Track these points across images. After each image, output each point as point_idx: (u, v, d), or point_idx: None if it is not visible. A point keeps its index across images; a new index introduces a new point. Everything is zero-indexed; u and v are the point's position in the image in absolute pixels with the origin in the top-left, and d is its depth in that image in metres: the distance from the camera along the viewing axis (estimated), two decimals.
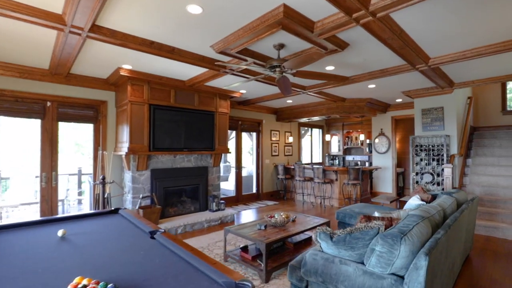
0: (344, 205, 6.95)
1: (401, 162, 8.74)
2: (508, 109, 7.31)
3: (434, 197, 3.59)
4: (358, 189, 6.95)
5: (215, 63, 3.14)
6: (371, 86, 5.45)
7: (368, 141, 9.28)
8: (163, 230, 2.16)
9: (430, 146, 5.56)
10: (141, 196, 4.51)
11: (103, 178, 4.38)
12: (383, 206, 4.51)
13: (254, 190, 7.98)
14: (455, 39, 3.24)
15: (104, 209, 2.94)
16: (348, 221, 4.24)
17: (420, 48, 3.49)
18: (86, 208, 6.24)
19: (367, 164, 9.57)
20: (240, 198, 7.52)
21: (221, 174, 10.61)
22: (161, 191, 4.94)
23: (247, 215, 6.14)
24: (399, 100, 7.18)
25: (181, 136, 5.13)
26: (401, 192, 8.50)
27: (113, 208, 2.97)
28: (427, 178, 5.50)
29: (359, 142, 9.76)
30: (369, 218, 2.38)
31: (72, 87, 4.62)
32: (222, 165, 11.29)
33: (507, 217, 4.73)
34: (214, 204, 5.46)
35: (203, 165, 5.62)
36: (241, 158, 7.63)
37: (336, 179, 7.04)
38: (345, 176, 7.01)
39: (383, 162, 8.11)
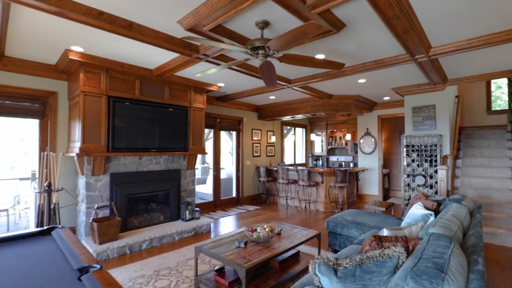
0: (331, 209, 6.50)
1: (386, 163, 8.46)
2: (493, 109, 7.20)
3: (439, 204, 3.15)
4: (345, 192, 6.52)
5: (182, 37, 2.49)
6: (362, 80, 5.01)
7: (352, 140, 8.93)
8: (98, 267, 1.50)
9: (423, 146, 5.21)
10: (96, 206, 3.75)
11: (49, 185, 3.60)
12: (377, 214, 4.05)
13: (234, 194, 7.35)
14: (465, 23, 2.80)
15: (32, 230, 2.21)
16: (340, 231, 3.73)
17: (425, 33, 3.03)
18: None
19: (351, 165, 9.23)
20: (218, 203, 6.86)
21: (199, 176, 9.92)
22: (123, 199, 4.20)
23: (226, 223, 5.50)
24: (386, 98, 6.84)
25: (149, 134, 4.42)
26: (387, 194, 8.21)
27: (45, 228, 2.25)
28: (420, 180, 5.14)
29: (343, 142, 9.40)
30: (380, 239, 1.84)
31: (10, 73, 3.77)
32: (200, 166, 10.58)
33: (504, 222, 4.43)
34: (187, 212, 4.78)
35: (175, 167, 4.92)
36: (219, 159, 6.98)
37: (322, 182, 6.58)
38: (331, 178, 6.55)
39: (369, 163, 7.77)
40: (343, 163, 9.49)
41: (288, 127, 9.67)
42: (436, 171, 5.01)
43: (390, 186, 8.59)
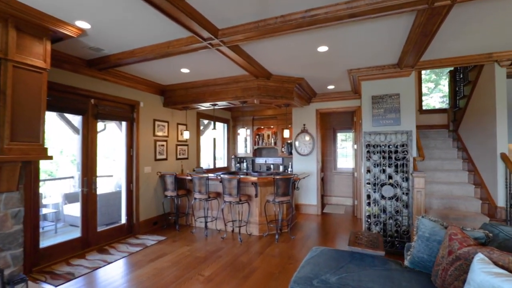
0: (268, 231, 4.74)
1: (322, 165, 7.33)
2: (424, 108, 6.90)
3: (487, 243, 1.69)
4: (285, 207, 4.88)
5: None
6: (322, 48, 3.41)
7: (285, 139, 7.52)
8: None
9: (391, 147, 3.99)
10: None
11: None
12: (365, 257, 2.45)
13: (124, 220, 4.76)
14: None
15: None
16: None
17: None
18: None
19: (281, 168, 7.83)
20: (91, 240, 4.17)
21: (77, 189, 6.71)
22: None
23: None
24: (331, 87, 5.56)
25: None
26: (322, 202, 7.07)
27: None
28: (387, 192, 3.89)
29: (272, 141, 7.91)
30: None
31: None
32: (77, 174, 7.28)
33: None
34: None
35: None
36: (94, 165, 4.30)
37: (256, 195, 4.76)
38: (269, 189, 4.82)
39: (306, 167, 6.42)
40: (271, 166, 8.01)
41: (206, 121, 7.56)
42: (405, 179, 3.85)
43: (325, 192, 7.54)
